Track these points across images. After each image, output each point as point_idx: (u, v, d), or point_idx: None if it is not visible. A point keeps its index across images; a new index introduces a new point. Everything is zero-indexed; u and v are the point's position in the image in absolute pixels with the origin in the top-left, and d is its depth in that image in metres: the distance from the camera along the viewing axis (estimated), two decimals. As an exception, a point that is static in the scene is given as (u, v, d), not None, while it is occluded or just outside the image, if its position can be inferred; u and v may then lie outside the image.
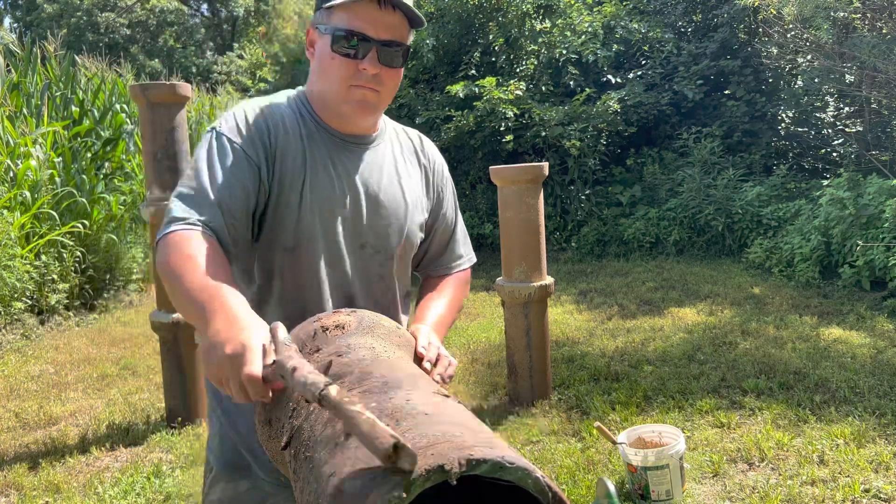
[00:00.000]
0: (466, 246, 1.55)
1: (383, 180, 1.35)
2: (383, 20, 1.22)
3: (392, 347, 1.07)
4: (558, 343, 5.05)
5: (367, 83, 1.24)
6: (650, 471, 2.81)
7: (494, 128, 8.32)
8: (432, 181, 1.47)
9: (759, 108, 8.80)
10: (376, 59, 1.22)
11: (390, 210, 1.35)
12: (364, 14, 1.21)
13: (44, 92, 7.70)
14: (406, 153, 1.43)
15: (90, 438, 3.81)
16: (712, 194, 7.88)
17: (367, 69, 1.22)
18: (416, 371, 0.99)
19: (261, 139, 1.24)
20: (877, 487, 2.84)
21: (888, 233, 5.74)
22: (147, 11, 27.39)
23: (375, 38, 1.22)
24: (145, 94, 3.74)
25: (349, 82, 1.24)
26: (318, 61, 1.27)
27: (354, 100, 1.25)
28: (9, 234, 5.71)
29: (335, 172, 1.30)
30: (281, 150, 1.26)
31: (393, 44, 1.23)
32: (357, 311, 1.14)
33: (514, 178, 3.81)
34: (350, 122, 1.31)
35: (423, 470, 0.66)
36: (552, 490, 0.71)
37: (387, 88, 1.27)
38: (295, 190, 1.26)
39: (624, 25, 9.33)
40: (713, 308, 5.73)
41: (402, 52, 1.26)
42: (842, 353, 4.42)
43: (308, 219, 1.26)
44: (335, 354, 1.00)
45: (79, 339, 5.87)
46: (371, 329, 1.09)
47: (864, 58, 7.10)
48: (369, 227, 1.33)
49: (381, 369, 0.92)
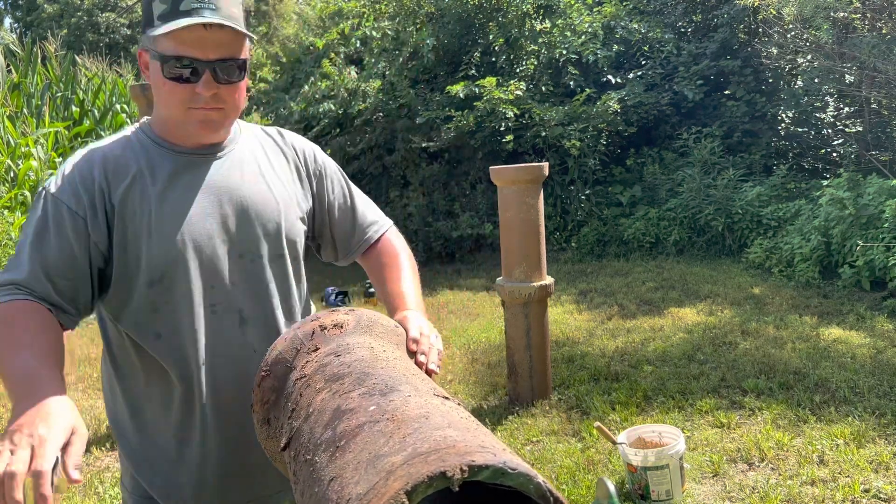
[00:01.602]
0: (375, 212, 1.53)
1: (245, 183, 1.31)
2: (212, 39, 1.17)
3: (390, 346, 1.07)
4: (558, 343, 5.05)
5: (207, 104, 1.20)
6: (650, 471, 2.81)
7: (494, 128, 8.32)
8: (305, 169, 1.42)
9: (759, 108, 8.81)
10: (211, 80, 1.18)
11: (260, 211, 1.31)
12: (192, 38, 1.16)
13: (44, 92, 7.72)
14: (269, 151, 1.39)
15: (90, 438, 3.81)
16: (712, 194, 7.89)
17: (202, 92, 1.18)
18: (415, 371, 0.99)
19: (85, 189, 1.20)
20: (877, 487, 2.84)
21: (888, 233, 5.74)
22: (147, 11, 27.39)
23: (205, 59, 1.17)
24: (146, 93, 3.74)
25: (187, 105, 1.21)
26: (156, 87, 1.23)
27: (197, 120, 1.22)
28: (9, 234, 5.71)
29: (186, 189, 1.25)
30: (114, 189, 1.22)
31: (227, 60, 1.19)
32: (356, 309, 1.15)
33: (514, 178, 3.81)
34: (196, 140, 1.28)
35: (425, 476, 0.65)
36: (553, 495, 0.71)
37: (229, 104, 1.24)
38: (141, 220, 1.22)
39: (624, 26, 9.33)
40: (713, 308, 5.73)
41: (238, 65, 1.21)
42: (842, 353, 4.42)
43: (165, 244, 1.22)
44: (333, 354, 1.00)
45: (79, 339, 5.87)
46: (369, 327, 1.09)
47: (864, 58, 7.11)
48: (240, 234, 1.29)
49: (380, 370, 0.92)
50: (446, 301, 6.72)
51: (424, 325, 1.23)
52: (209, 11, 1.15)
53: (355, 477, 0.70)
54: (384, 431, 0.75)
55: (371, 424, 0.77)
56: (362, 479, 0.69)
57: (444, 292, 7.08)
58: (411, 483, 0.65)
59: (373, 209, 1.53)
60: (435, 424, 0.74)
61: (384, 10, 9.80)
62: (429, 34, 9.02)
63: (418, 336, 1.17)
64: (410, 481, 0.65)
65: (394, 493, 0.65)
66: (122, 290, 1.24)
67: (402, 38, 9.40)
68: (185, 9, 1.15)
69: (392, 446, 0.71)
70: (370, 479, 0.68)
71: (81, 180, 1.21)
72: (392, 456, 0.70)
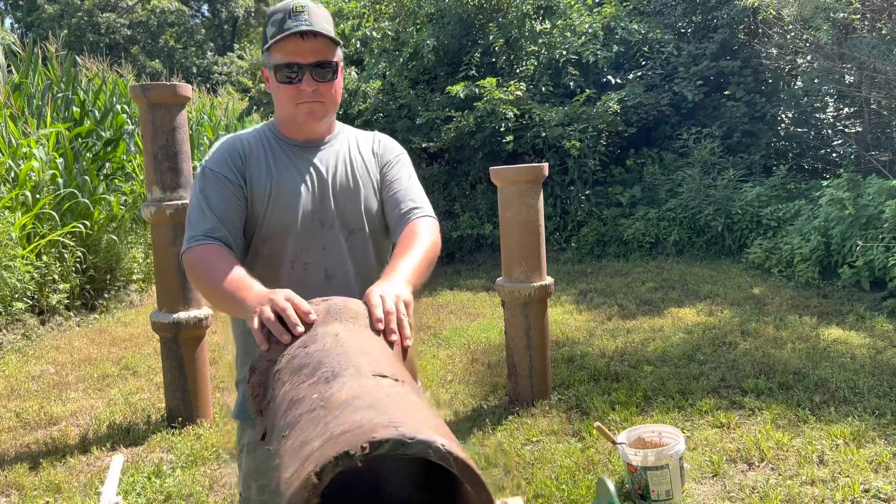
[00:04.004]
0: (422, 202, 1.68)
1: (338, 170, 1.64)
2: (309, 48, 1.52)
3: (358, 329, 1.11)
4: (558, 343, 5.06)
5: (310, 98, 1.55)
6: (650, 471, 2.82)
7: (494, 128, 8.33)
8: (383, 161, 1.71)
9: (759, 108, 8.81)
10: (311, 79, 1.53)
11: (346, 192, 1.63)
12: (293, 48, 1.52)
13: (45, 92, 7.72)
14: (362, 146, 1.71)
15: (91, 438, 3.81)
16: (712, 195, 7.89)
17: (305, 89, 1.53)
18: (370, 349, 1.02)
19: (234, 162, 1.58)
20: (876, 487, 2.85)
21: (888, 233, 5.75)
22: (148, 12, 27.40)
23: (305, 63, 1.52)
24: (146, 94, 3.75)
25: (295, 101, 1.56)
26: (273, 93, 1.60)
27: (304, 112, 1.57)
28: (10, 234, 5.72)
29: (297, 171, 1.61)
30: (248, 166, 1.59)
31: (321, 64, 1.54)
32: (329, 298, 1.21)
33: (514, 179, 3.81)
34: (305, 130, 1.62)
35: (331, 457, 0.71)
36: (453, 455, 0.73)
37: (328, 98, 1.58)
38: (263, 192, 1.57)
39: (624, 26, 9.33)
40: (713, 308, 5.74)
41: (332, 67, 1.56)
42: (841, 354, 4.42)
43: (277, 212, 1.57)
44: (302, 346, 1.06)
45: (79, 339, 5.88)
46: (339, 314, 1.15)
47: (864, 58, 7.11)
48: (333, 209, 1.61)
49: (334, 357, 0.97)
50: (446, 301, 6.72)
51: (388, 297, 1.23)
52: (305, 26, 1.51)
53: (287, 463, 0.78)
54: (316, 418, 0.81)
55: (309, 413, 0.84)
56: (290, 465, 0.77)
57: (444, 292, 7.08)
58: (320, 464, 0.71)
59: (422, 200, 1.69)
60: (357, 406, 0.80)
61: (384, 10, 9.80)
62: (429, 35, 9.02)
63: (381, 315, 1.19)
64: (319, 463, 0.71)
65: (306, 475, 0.71)
66: (248, 244, 1.60)
67: (402, 38, 9.41)
68: (288, 28, 1.51)
69: (318, 432, 0.78)
70: (294, 464, 0.76)
71: (230, 157, 1.59)
72: (314, 441, 0.76)
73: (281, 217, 1.58)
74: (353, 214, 1.63)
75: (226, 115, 12.78)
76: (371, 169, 1.69)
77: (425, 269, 1.48)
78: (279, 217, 1.58)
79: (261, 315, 1.16)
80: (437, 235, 1.62)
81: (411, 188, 1.70)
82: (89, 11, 26.07)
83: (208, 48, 29.20)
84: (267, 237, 1.58)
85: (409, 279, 1.37)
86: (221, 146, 1.62)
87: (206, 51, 28.92)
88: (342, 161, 1.66)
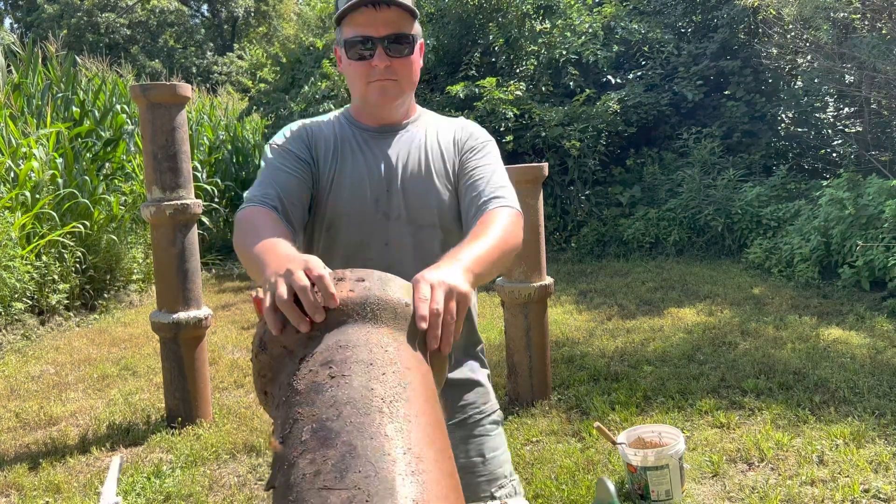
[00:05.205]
0: (503, 192, 1.46)
1: (411, 158, 1.50)
2: (381, 18, 1.37)
3: (393, 345, 0.89)
4: (558, 343, 5.05)
5: (382, 76, 1.41)
6: (650, 471, 2.82)
7: (494, 128, 8.32)
8: (464, 149, 1.55)
9: (759, 108, 8.81)
10: (384, 54, 1.39)
11: (416, 185, 1.49)
12: (364, 20, 1.38)
13: (45, 92, 7.72)
14: (442, 133, 1.56)
15: (90, 438, 3.81)
16: (712, 194, 7.89)
17: (377, 65, 1.39)
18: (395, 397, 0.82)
19: (302, 141, 1.50)
20: (876, 487, 2.84)
21: (888, 233, 5.75)
22: (147, 12, 27.40)
23: (378, 36, 1.38)
24: (146, 94, 3.74)
25: (367, 79, 1.42)
26: (345, 72, 1.48)
27: (376, 92, 1.43)
28: (9, 234, 5.72)
29: (363, 158, 1.49)
30: (317, 147, 1.50)
31: (397, 37, 1.39)
32: (366, 279, 0.94)
33: (513, 179, 3.78)
34: (379, 112, 1.49)
35: None
36: None
37: (402, 75, 1.43)
38: (327, 177, 1.48)
39: (624, 26, 9.33)
40: (713, 308, 5.74)
41: (409, 41, 1.41)
42: (841, 354, 4.42)
43: (339, 201, 1.46)
44: (325, 364, 0.85)
45: (79, 339, 5.88)
46: (375, 313, 0.91)
47: (864, 58, 7.11)
48: (401, 200, 1.48)
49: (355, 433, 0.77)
50: (446, 301, 6.71)
51: (439, 290, 0.97)
52: None
53: None
54: None
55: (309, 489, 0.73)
56: None
57: (444, 292, 7.07)
58: None
59: (505, 191, 1.47)
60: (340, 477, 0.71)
61: (384, 10, 9.80)
62: (429, 34, 9.02)
63: (426, 313, 0.94)
64: None
65: None
66: (310, 231, 1.53)
67: (402, 38, 9.41)
68: None
69: None
70: None
71: (299, 136, 1.51)
72: None
73: (341, 206, 1.47)
74: (423, 208, 1.49)
75: (226, 115, 12.77)
76: (449, 159, 1.53)
77: (495, 259, 1.22)
78: (340, 206, 1.47)
79: (274, 292, 0.92)
80: (516, 227, 1.38)
81: (494, 178, 1.49)
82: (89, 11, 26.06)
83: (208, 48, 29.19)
84: (327, 227, 1.48)
85: (470, 267, 1.11)
86: (289, 127, 1.55)
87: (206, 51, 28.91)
88: (416, 149, 1.52)
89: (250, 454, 3.51)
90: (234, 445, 3.61)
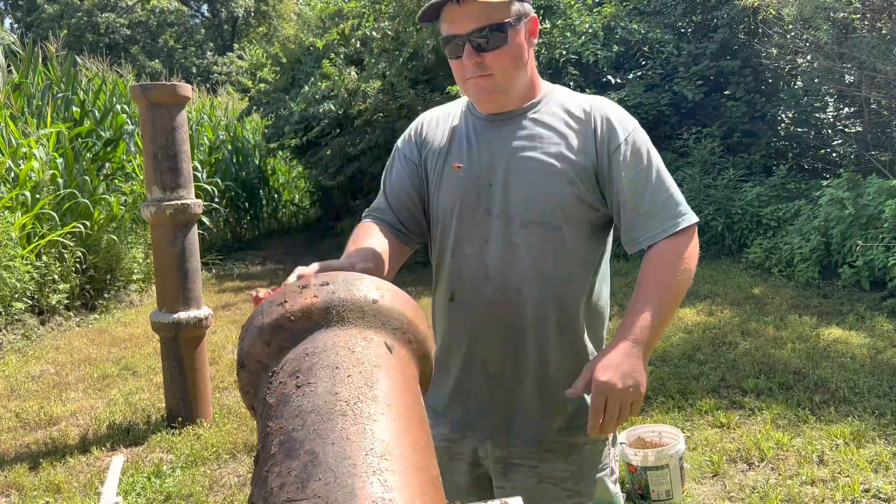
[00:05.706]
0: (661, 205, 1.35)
1: (523, 151, 1.39)
2: (464, 13, 1.30)
3: (360, 346, 0.85)
4: (558, 343, 5.05)
5: (475, 73, 1.34)
6: (650, 471, 2.82)
7: (494, 128, 8.33)
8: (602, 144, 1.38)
9: (759, 108, 8.81)
10: (472, 51, 1.32)
11: (527, 175, 1.37)
12: (450, 16, 1.33)
13: (45, 92, 7.71)
14: (571, 118, 1.41)
15: (91, 438, 3.81)
16: (712, 194, 7.89)
17: (466, 63, 1.34)
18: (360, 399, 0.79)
19: (415, 141, 1.52)
20: (876, 487, 2.85)
21: (888, 233, 5.75)
22: (147, 12, 27.40)
23: (463, 33, 1.32)
24: (146, 94, 3.74)
25: (463, 78, 1.38)
26: None
27: (472, 90, 1.39)
28: (10, 234, 5.72)
29: (469, 149, 1.43)
30: (427, 143, 1.50)
31: (482, 29, 1.30)
32: (330, 281, 0.91)
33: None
34: (482, 107, 1.44)
35: None
36: None
37: (496, 69, 1.34)
38: (435, 171, 1.47)
39: (624, 26, 9.33)
40: (713, 308, 5.74)
41: (499, 29, 1.30)
42: (841, 354, 4.42)
43: (444, 196, 1.45)
44: (292, 374, 0.82)
45: (79, 339, 5.88)
46: (342, 315, 0.88)
47: (864, 58, 7.11)
48: (501, 194, 1.39)
49: (317, 441, 0.74)
50: (446, 301, 6.72)
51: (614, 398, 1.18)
52: None
53: None
54: None
55: None
56: None
57: (445, 292, 7.08)
58: None
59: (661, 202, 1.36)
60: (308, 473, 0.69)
61: (384, 10, 9.80)
62: (429, 34, 9.02)
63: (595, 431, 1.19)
64: None
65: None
66: (430, 228, 1.52)
67: (402, 38, 9.40)
68: None
69: None
70: None
71: (414, 135, 1.52)
72: None
73: (445, 199, 1.44)
74: (530, 205, 1.36)
75: (226, 115, 12.76)
76: (576, 146, 1.37)
77: (670, 318, 1.32)
78: (443, 199, 1.44)
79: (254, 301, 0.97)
80: (689, 258, 1.35)
81: (643, 184, 1.35)
82: (89, 11, 26.07)
83: (208, 48, 29.19)
84: (436, 221, 1.47)
85: (650, 345, 1.26)
86: (413, 124, 1.56)
87: (206, 51, 28.92)
88: (531, 140, 1.39)
89: (250, 454, 3.51)
90: (235, 445, 3.61)
